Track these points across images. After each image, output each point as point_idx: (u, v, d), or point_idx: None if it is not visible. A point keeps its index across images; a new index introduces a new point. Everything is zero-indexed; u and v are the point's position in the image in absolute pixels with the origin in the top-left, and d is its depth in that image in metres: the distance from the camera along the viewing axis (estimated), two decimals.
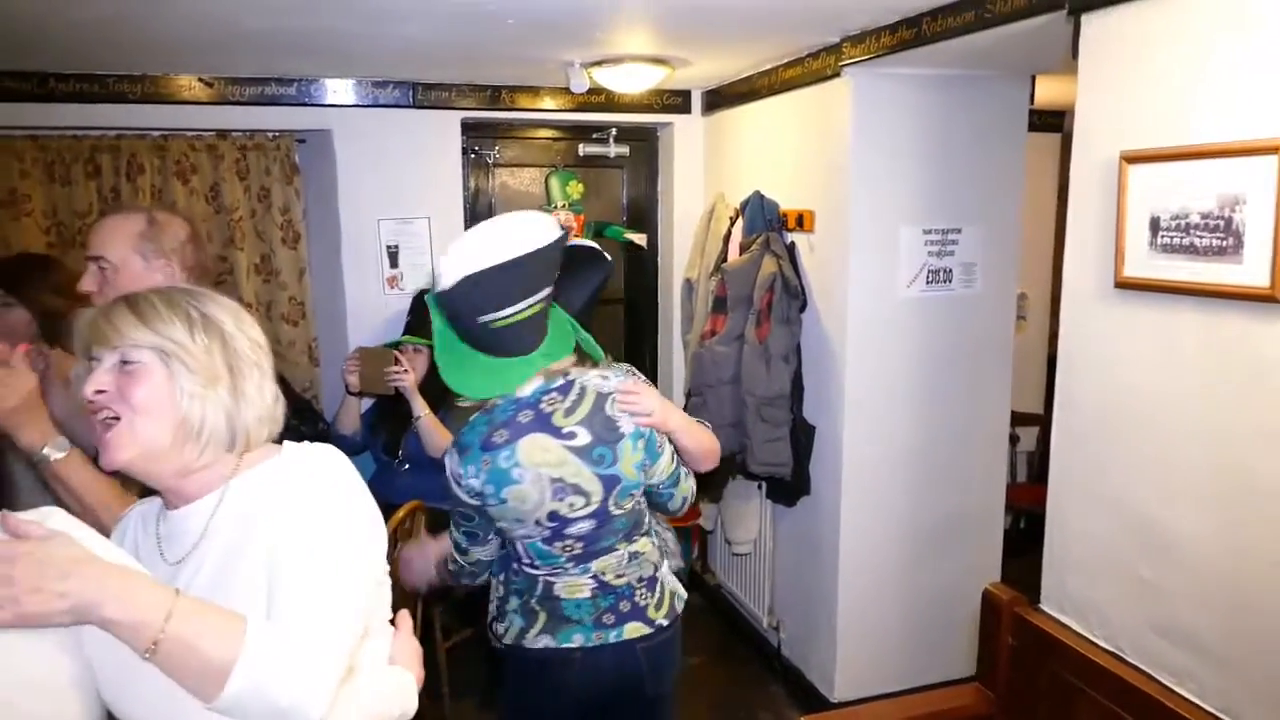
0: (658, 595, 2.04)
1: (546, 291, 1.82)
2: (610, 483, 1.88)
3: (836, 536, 3.27)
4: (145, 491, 1.29)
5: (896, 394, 3.25)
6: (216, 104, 3.62)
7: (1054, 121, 4.63)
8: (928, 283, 3.21)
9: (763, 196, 3.50)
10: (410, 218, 3.90)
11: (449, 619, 3.60)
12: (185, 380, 1.16)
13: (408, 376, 3.23)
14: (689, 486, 2.08)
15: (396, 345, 3.46)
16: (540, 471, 1.83)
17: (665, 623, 2.04)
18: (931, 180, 3.17)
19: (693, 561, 4.41)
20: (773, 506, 3.68)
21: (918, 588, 3.40)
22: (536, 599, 1.97)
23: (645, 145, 4.42)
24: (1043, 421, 4.55)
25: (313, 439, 1.31)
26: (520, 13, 2.63)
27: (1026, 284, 4.45)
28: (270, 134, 3.80)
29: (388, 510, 2.95)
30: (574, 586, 1.96)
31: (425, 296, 1.94)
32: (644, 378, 2.04)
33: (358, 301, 3.88)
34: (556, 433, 1.85)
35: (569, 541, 1.92)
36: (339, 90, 3.74)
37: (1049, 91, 3.48)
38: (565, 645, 1.96)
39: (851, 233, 3.11)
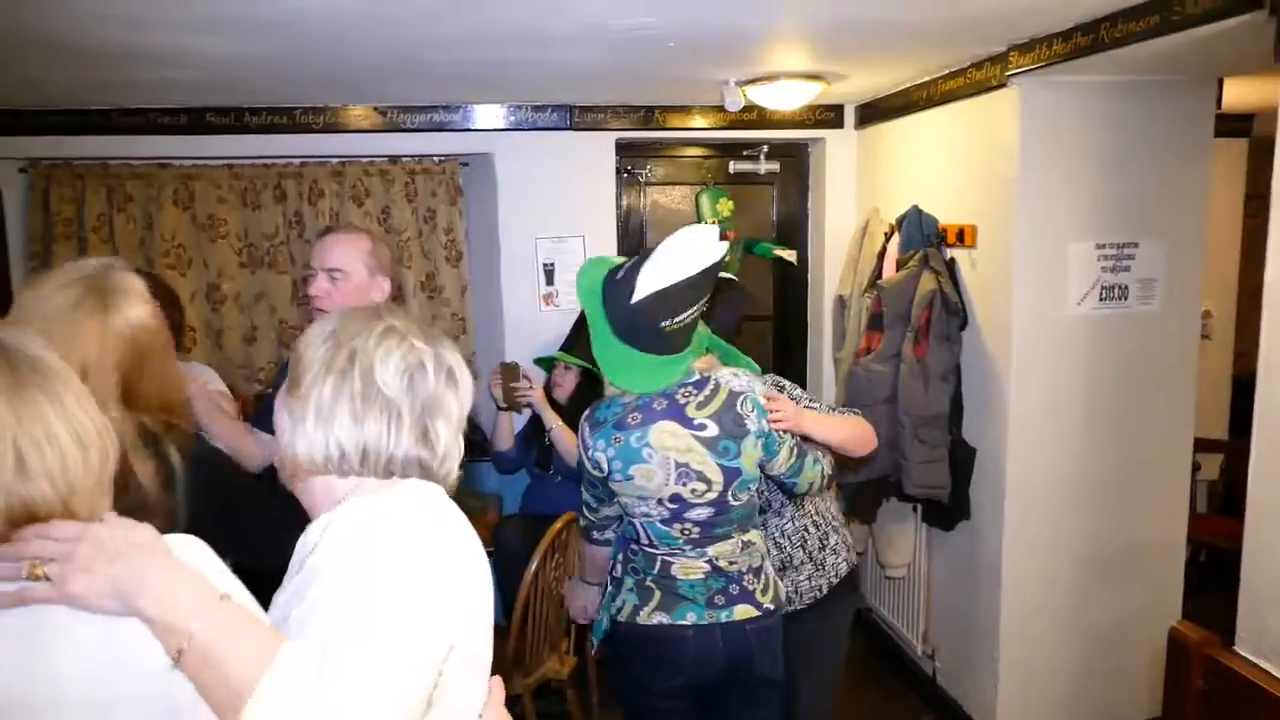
0: (763, 582, 2.16)
1: (708, 297, 2.01)
2: (732, 475, 2.04)
3: (999, 563, 3.14)
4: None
5: (1065, 416, 3.09)
6: (388, 131, 3.85)
7: (1241, 126, 4.29)
8: (1101, 299, 3.05)
9: (921, 211, 3.42)
10: (566, 236, 4.01)
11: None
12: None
13: (533, 392, 3.31)
14: (815, 472, 2.19)
15: (550, 361, 3.56)
16: (668, 455, 2.01)
17: (771, 607, 2.15)
18: (1105, 192, 3.01)
19: None
20: (928, 530, 3.56)
21: (1088, 622, 3.21)
22: (653, 577, 2.11)
23: (796, 161, 4.40)
24: (1228, 448, 4.21)
25: (469, 452, 1.33)
26: (681, 35, 2.68)
27: (1210, 300, 4.14)
28: (436, 158, 4.00)
29: (544, 521, 3.07)
30: (690, 568, 2.10)
31: (585, 300, 2.07)
32: (789, 384, 2.32)
33: (515, 318, 4.02)
34: (688, 423, 2.02)
35: (687, 525, 2.07)
36: (500, 115, 3.89)
37: (1237, 94, 3.25)
38: (679, 622, 2.08)
39: (1017, 247, 2.99)
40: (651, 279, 1.90)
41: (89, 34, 2.46)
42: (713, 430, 2.02)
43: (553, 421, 3.28)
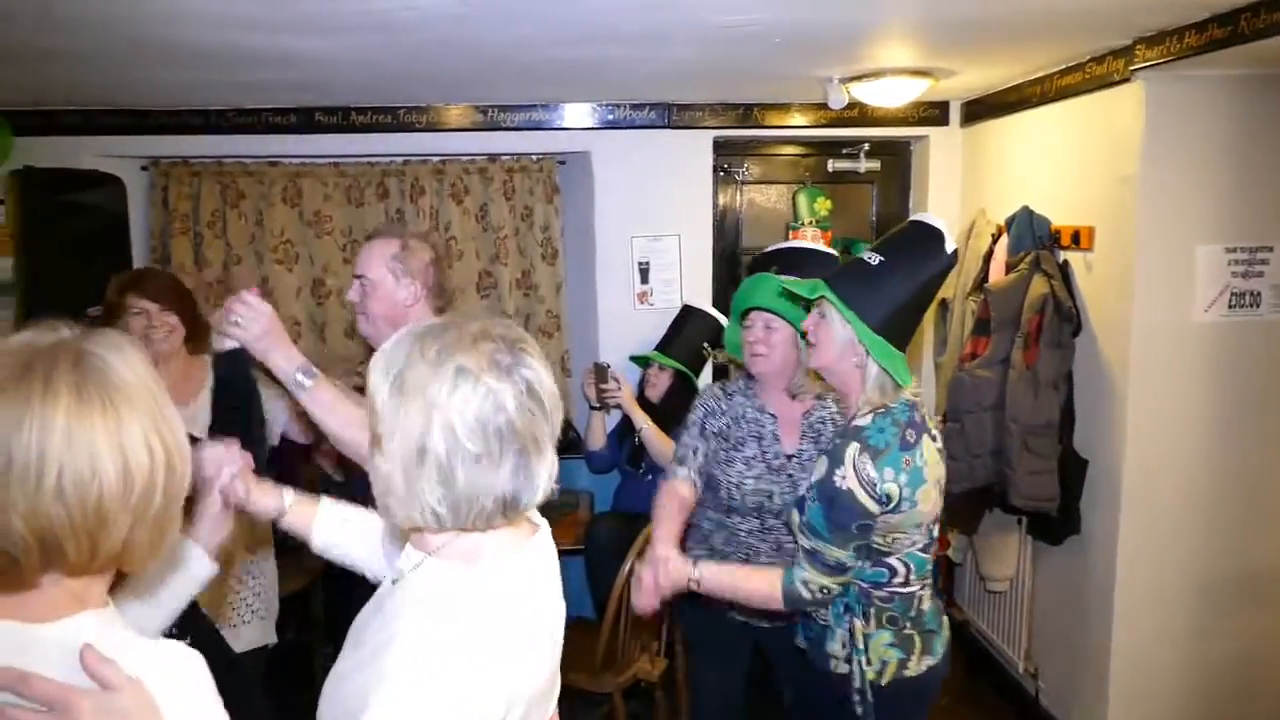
0: None
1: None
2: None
3: (1110, 582, 2.99)
4: None
5: (1189, 429, 2.92)
6: (487, 130, 3.89)
7: None
8: (1230, 306, 2.87)
9: (1032, 212, 3.28)
10: (661, 235, 3.99)
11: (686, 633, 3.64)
12: (374, 448, 1.13)
13: (620, 393, 3.31)
14: None
15: (645, 361, 3.55)
16: (935, 471, 1.85)
17: None
18: (1237, 192, 2.83)
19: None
20: (1033, 543, 3.42)
21: (1210, 647, 3.03)
22: (910, 621, 1.90)
23: (897, 159, 4.28)
24: None
25: (562, 451, 1.32)
26: (787, 30, 2.62)
27: None
28: (534, 157, 4.03)
29: (636, 520, 3.05)
30: (928, 595, 1.95)
31: (823, 282, 1.91)
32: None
33: (610, 316, 4.02)
34: (934, 437, 1.88)
35: (931, 545, 1.93)
36: (598, 114, 3.90)
37: None
38: (942, 655, 1.95)
39: (1138, 251, 2.84)
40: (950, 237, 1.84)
41: (210, 38, 2.55)
42: (940, 443, 1.91)
43: (643, 422, 3.26)
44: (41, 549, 0.83)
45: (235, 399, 2.26)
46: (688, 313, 3.68)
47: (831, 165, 4.23)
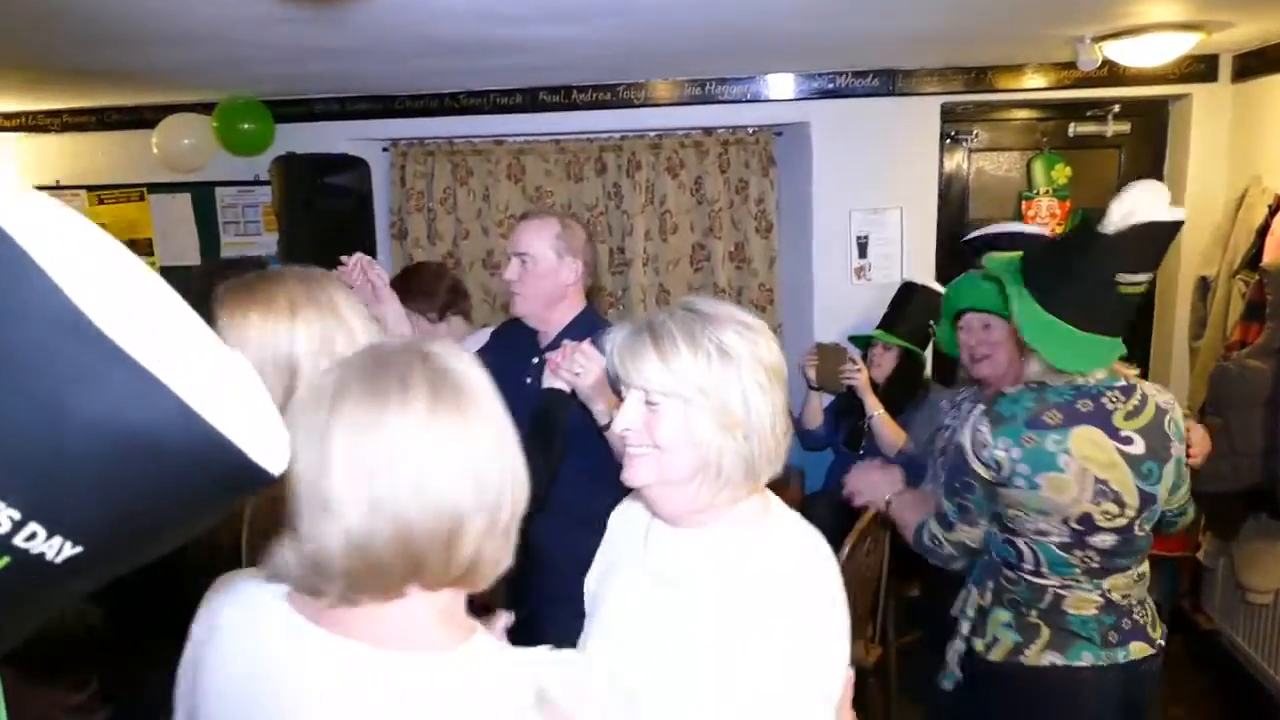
0: (1150, 614, 1.92)
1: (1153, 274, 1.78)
2: (1147, 501, 1.78)
3: None
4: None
5: None
6: (704, 103, 3.87)
7: None
8: None
9: None
10: (882, 208, 3.84)
11: (898, 618, 3.54)
12: (702, 424, 1.14)
13: (860, 375, 3.21)
14: (1190, 515, 2.00)
15: (867, 341, 3.43)
16: (1087, 467, 1.72)
17: (1163, 643, 1.91)
18: None
19: (1179, 598, 3.85)
20: None
21: None
22: (1040, 612, 1.85)
23: (1150, 121, 3.88)
24: None
25: None
26: None
27: None
28: (750, 129, 3.97)
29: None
30: (1083, 601, 1.83)
31: (994, 258, 1.92)
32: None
33: (825, 291, 3.92)
34: (1114, 433, 1.75)
35: (1090, 553, 1.80)
36: (817, 83, 3.78)
37: None
38: (1075, 664, 1.83)
39: None
40: (1130, 208, 1.66)
41: (465, 31, 2.68)
42: (1139, 447, 1.75)
43: (875, 408, 3.16)
44: (405, 554, 0.83)
45: (549, 431, 2.16)
46: (910, 289, 3.53)
47: (1073, 129, 3.90)
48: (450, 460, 0.83)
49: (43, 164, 4.13)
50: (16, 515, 0.45)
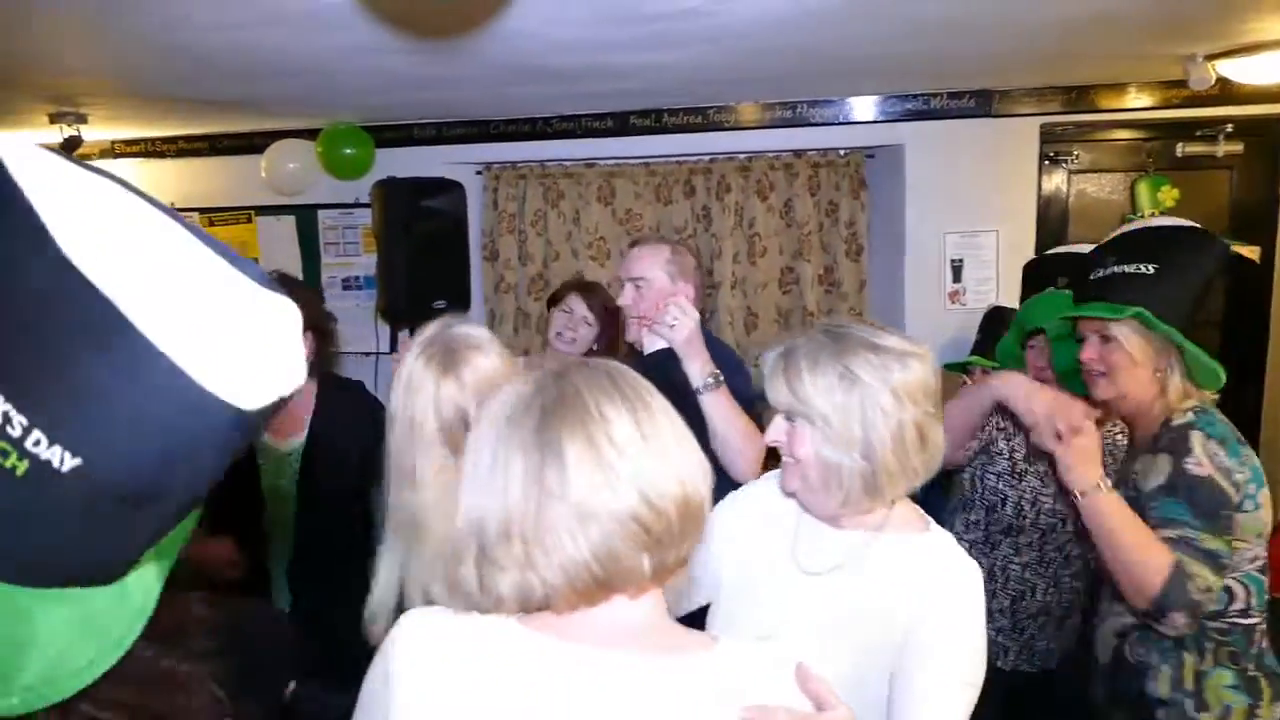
0: None
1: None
2: None
3: None
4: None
5: None
6: (794, 126, 3.86)
7: None
8: None
9: None
10: (977, 231, 3.76)
11: None
12: (825, 444, 1.24)
13: None
14: None
15: (963, 367, 3.35)
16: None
17: None
18: None
19: None
20: None
21: None
22: (1254, 661, 1.64)
23: (1266, 140, 3.72)
24: None
25: None
26: (1148, 10, 2.35)
27: None
28: (841, 151, 3.94)
29: None
30: (1265, 630, 1.68)
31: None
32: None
33: (917, 315, 3.85)
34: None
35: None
36: (911, 105, 3.73)
37: None
38: None
39: None
40: None
41: (568, 61, 2.74)
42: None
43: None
44: (644, 546, 0.86)
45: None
46: (1001, 314, 3.43)
47: (1181, 149, 3.76)
48: (667, 467, 0.87)
49: (159, 187, 4.35)
50: (24, 421, 0.52)
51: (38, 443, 0.52)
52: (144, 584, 0.62)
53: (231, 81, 3.03)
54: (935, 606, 1.22)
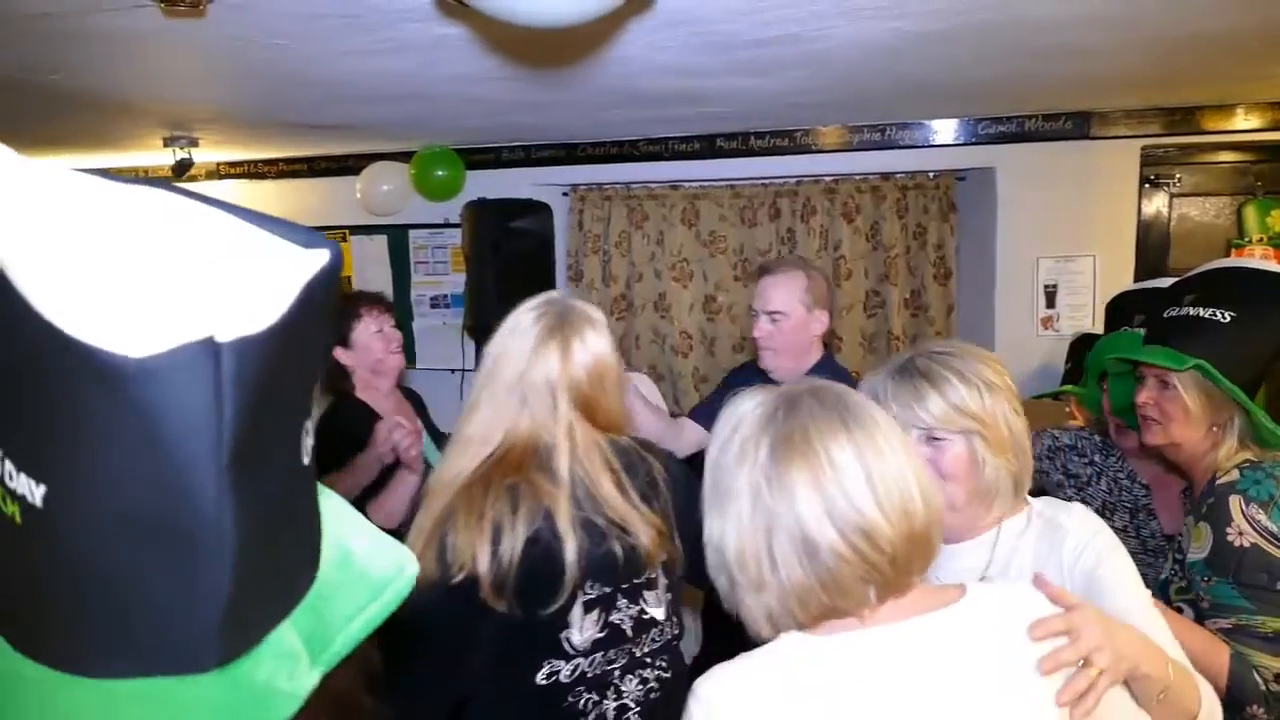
0: None
1: None
2: None
3: None
4: None
5: None
6: (883, 149, 3.82)
7: None
8: None
9: None
10: (1073, 255, 3.67)
11: None
12: (984, 452, 1.26)
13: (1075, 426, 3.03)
14: None
15: (1056, 396, 3.27)
16: None
17: None
18: None
19: None
20: None
21: None
22: None
23: None
24: None
25: None
26: (1258, 27, 2.27)
27: None
28: (931, 174, 3.89)
29: None
30: None
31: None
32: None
33: (1007, 341, 3.76)
34: None
35: None
36: (1004, 127, 3.66)
37: None
38: None
39: None
40: None
41: (660, 84, 2.77)
42: None
43: None
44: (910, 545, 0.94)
45: None
46: (1088, 341, 3.33)
47: None
48: (897, 469, 0.95)
49: (260, 207, 4.48)
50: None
51: (11, 475, 0.42)
52: (278, 675, 0.47)
53: (334, 107, 3.15)
54: (1097, 557, 1.25)
